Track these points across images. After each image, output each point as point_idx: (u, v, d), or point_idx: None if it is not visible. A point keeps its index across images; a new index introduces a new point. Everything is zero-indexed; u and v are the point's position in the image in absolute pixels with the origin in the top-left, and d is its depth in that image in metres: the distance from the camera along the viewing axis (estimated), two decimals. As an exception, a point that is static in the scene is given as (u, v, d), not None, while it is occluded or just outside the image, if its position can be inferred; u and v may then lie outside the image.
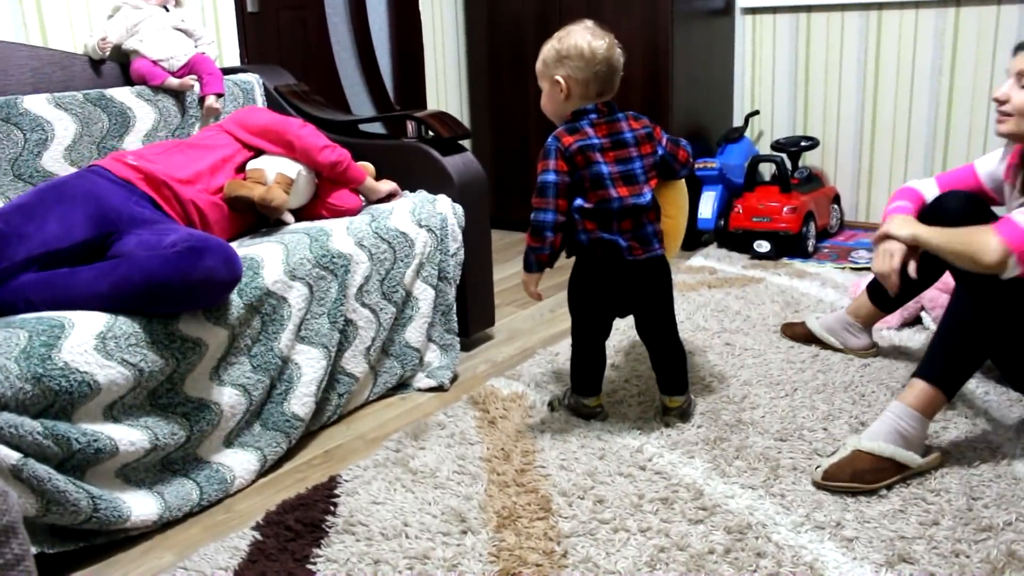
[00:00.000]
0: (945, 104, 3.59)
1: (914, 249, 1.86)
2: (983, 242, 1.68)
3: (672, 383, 2.09)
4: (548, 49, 1.96)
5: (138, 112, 2.52)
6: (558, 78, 1.93)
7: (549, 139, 1.93)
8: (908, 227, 1.87)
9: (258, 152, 2.36)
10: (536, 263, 1.95)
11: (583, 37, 1.92)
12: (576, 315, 2.08)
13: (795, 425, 2.05)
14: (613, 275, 1.97)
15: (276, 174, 2.26)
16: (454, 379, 2.45)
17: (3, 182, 2.21)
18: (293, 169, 2.29)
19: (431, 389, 2.40)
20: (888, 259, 1.86)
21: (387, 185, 2.49)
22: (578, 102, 1.95)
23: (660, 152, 1.98)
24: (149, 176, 2.07)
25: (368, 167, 2.50)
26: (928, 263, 1.93)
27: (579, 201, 1.92)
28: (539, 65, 1.98)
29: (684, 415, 2.10)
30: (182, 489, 1.81)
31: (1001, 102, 1.86)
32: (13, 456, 1.49)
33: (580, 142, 1.90)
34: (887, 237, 1.88)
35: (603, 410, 2.15)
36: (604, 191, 1.90)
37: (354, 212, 2.39)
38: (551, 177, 1.90)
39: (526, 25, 3.88)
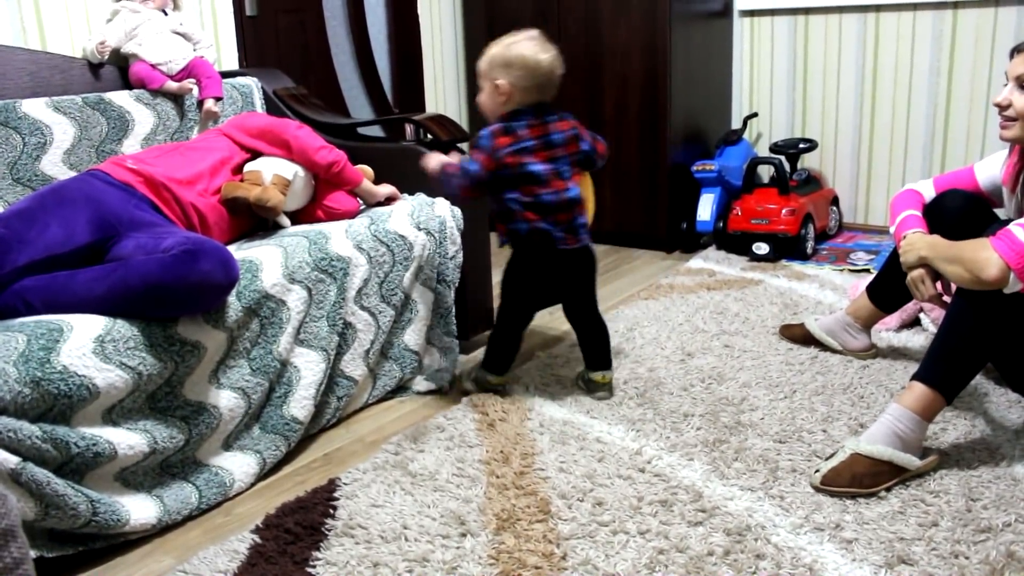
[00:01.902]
0: (943, 106, 3.59)
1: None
2: (984, 260, 1.68)
3: (599, 360, 2.28)
4: (495, 53, 2.10)
5: (137, 116, 2.53)
6: (500, 82, 2.08)
7: (484, 132, 2.09)
8: (914, 251, 1.92)
9: (256, 155, 2.36)
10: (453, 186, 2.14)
11: (530, 48, 2.07)
12: (506, 301, 2.27)
13: (794, 427, 2.05)
14: (546, 264, 2.16)
15: (273, 175, 2.26)
16: (453, 382, 2.45)
17: (2, 186, 2.21)
18: (290, 170, 2.29)
19: (430, 392, 2.40)
20: (921, 289, 1.93)
21: (385, 188, 2.49)
22: (515, 105, 2.10)
23: (585, 148, 2.16)
24: (149, 179, 2.07)
25: (366, 170, 2.50)
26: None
27: (515, 194, 2.09)
28: (483, 65, 2.11)
29: (611, 389, 2.28)
30: (181, 492, 1.81)
31: (1003, 107, 1.86)
32: (12, 460, 1.49)
33: (513, 146, 2.07)
34: (907, 267, 1.95)
35: (504, 388, 2.33)
36: (538, 187, 2.08)
37: (351, 215, 2.39)
38: (475, 168, 2.08)
39: (524, 27, 3.87)
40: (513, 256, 2.21)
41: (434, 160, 2.18)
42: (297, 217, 2.40)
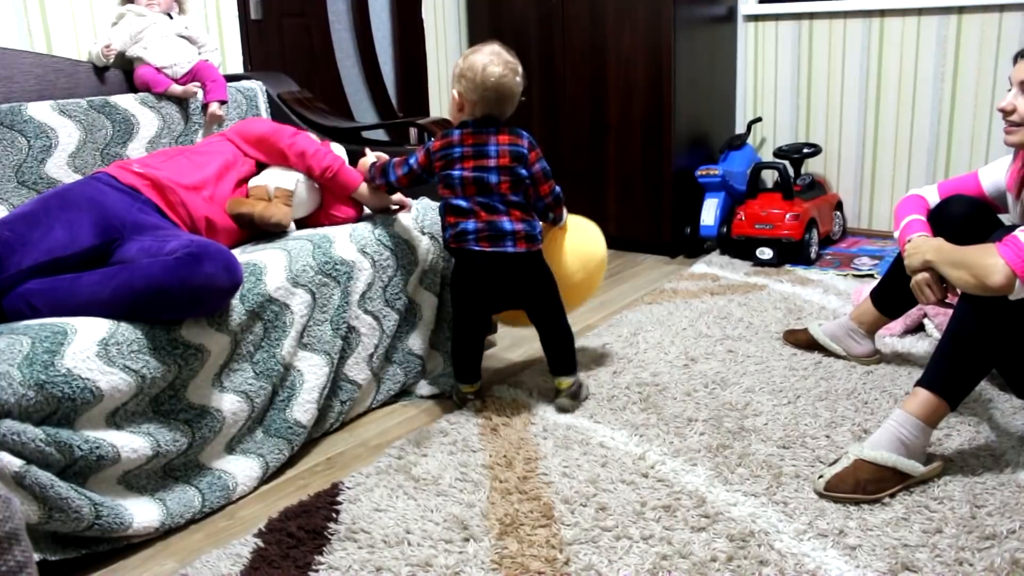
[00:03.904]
0: (947, 111, 3.59)
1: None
2: (990, 265, 1.67)
3: (559, 365, 2.24)
4: (457, 62, 2.13)
5: (142, 119, 2.53)
6: (454, 92, 2.13)
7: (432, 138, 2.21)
8: (919, 255, 1.91)
9: (259, 162, 2.35)
10: (379, 179, 2.28)
11: (481, 60, 2.07)
12: (454, 308, 2.28)
13: (798, 432, 2.05)
14: (468, 268, 2.15)
15: (275, 188, 2.26)
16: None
17: (7, 189, 2.22)
18: (291, 180, 2.28)
19: (433, 396, 2.40)
20: (927, 293, 1.92)
21: (395, 196, 2.44)
22: (467, 116, 2.12)
23: (521, 172, 2.10)
24: (156, 182, 2.07)
25: (381, 156, 2.40)
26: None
27: (443, 199, 2.14)
28: (452, 72, 2.15)
29: (574, 396, 2.23)
30: (184, 496, 1.81)
31: (1007, 112, 1.86)
32: (16, 463, 1.49)
33: (444, 150, 2.12)
34: (912, 271, 1.94)
35: (475, 398, 2.31)
36: (454, 191, 2.11)
37: (352, 221, 2.38)
38: (412, 160, 2.20)
39: (529, 32, 3.89)
40: (453, 267, 2.23)
41: (367, 160, 2.30)
42: (304, 222, 2.40)
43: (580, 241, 2.34)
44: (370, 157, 2.37)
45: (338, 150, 2.48)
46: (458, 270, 2.19)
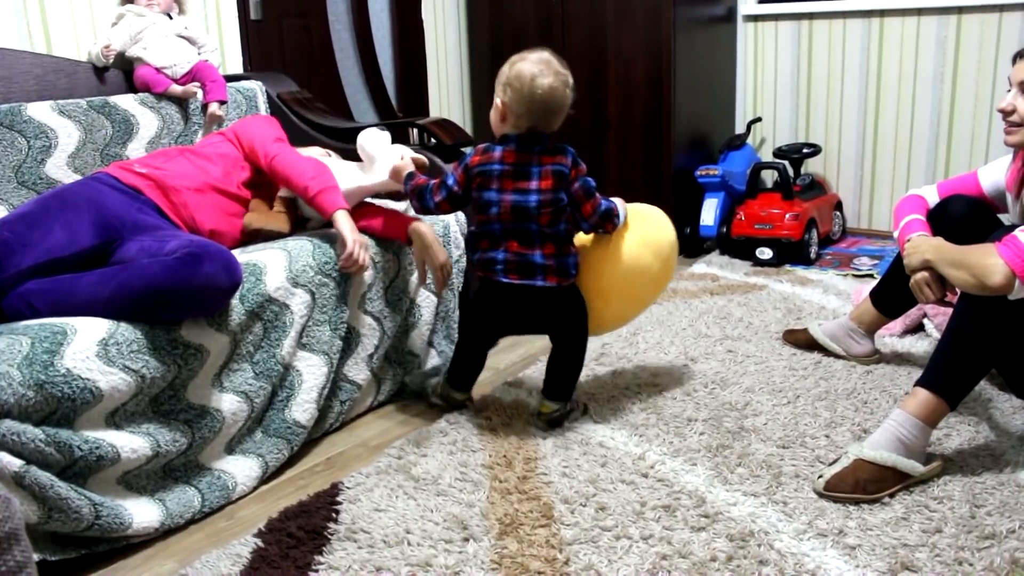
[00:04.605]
0: (947, 111, 3.59)
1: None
2: (989, 265, 1.67)
3: (553, 388, 2.14)
4: (503, 69, 1.96)
5: (141, 119, 2.53)
6: (498, 101, 1.97)
7: (471, 148, 2.05)
8: (918, 254, 1.91)
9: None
10: (415, 203, 2.11)
11: (530, 70, 1.90)
12: (467, 324, 2.22)
13: (797, 432, 2.05)
14: (491, 296, 2.05)
15: (276, 198, 2.27)
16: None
17: (7, 189, 2.22)
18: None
19: (417, 393, 2.38)
20: (926, 292, 1.92)
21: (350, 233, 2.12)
22: (511, 128, 1.97)
23: (564, 198, 1.96)
24: (159, 183, 2.07)
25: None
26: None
27: (477, 220, 2.02)
28: (497, 80, 1.99)
29: (552, 423, 2.12)
30: (184, 496, 1.81)
31: (1007, 113, 1.86)
32: (15, 463, 1.49)
33: (483, 166, 1.98)
34: (911, 270, 1.94)
35: (468, 404, 2.26)
36: (488, 215, 1.98)
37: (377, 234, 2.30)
38: (451, 180, 2.04)
39: (529, 32, 3.89)
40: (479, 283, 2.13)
41: (404, 167, 2.14)
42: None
43: (648, 231, 2.13)
44: (407, 162, 2.17)
45: (340, 168, 2.32)
46: (482, 295, 2.09)
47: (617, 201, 2.08)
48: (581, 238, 2.12)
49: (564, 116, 1.98)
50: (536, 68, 1.90)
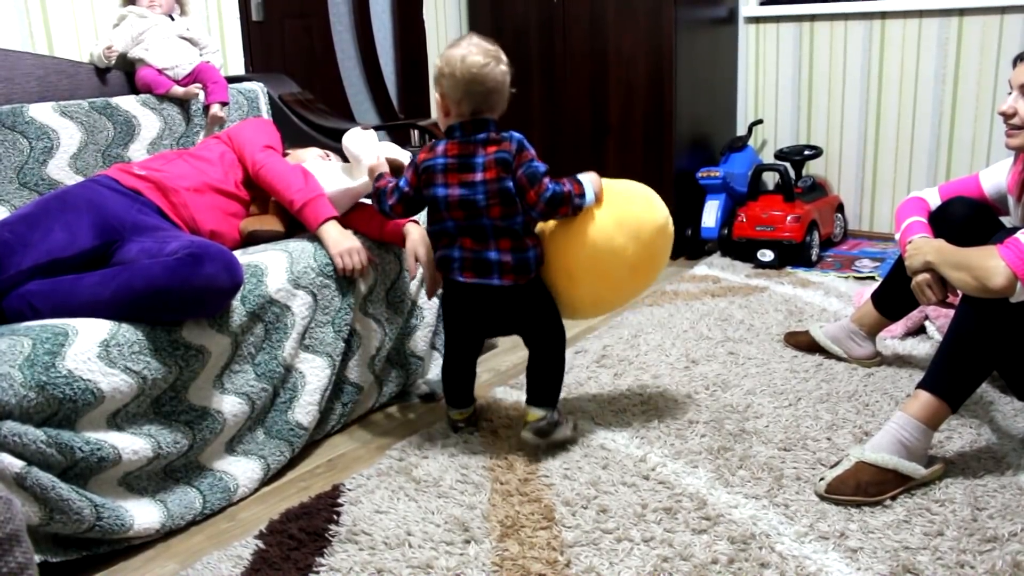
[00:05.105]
0: (948, 113, 3.59)
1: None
2: (991, 268, 1.67)
3: (535, 392, 2.00)
4: (436, 61, 1.90)
5: (143, 120, 2.53)
6: (437, 96, 1.91)
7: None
8: (919, 255, 1.91)
9: None
10: (375, 206, 2.07)
11: (458, 52, 1.84)
12: (445, 330, 2.12)
13: (799, 435, 2.04)
14: (453, 295, 1.97)
15: (271, 203, 2.28)
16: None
17: (8, 190, 2.22)
18: None
19: (428, 396, 2.39)
20: (927, 294, 1.92)
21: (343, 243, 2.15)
22: (455, 119, 1.89)
23: (508, 184, 1.85)
24: (158, 184, 2.07)
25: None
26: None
27: (434, 219, 1.95)
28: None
29: (540, 433, 1.97)
30: (185, 497, 1.81)
31: (1008, 116, 1.86)
32: (17, 464, 1.49)
33: (428, 162, 1.90)
34: (912, 271, 1.94)
35: (466, 425, 2.14)
36: (439, 212, 1.91)
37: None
38: (402, 182, 1.97)
39: (530, 34, 3.89)
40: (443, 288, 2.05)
41: (377, 167, 2.08)
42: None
43: (625, 210, 1.95)
44: (381, 162, 2.12)
45: (329, 170, 2.29)
46: (445, 296, 2.02)
47: (587, 178, 1.94)
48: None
49: (506, 96, 1.90)
50: (464, 50, 1.84)
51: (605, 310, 2.12)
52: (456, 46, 1.86)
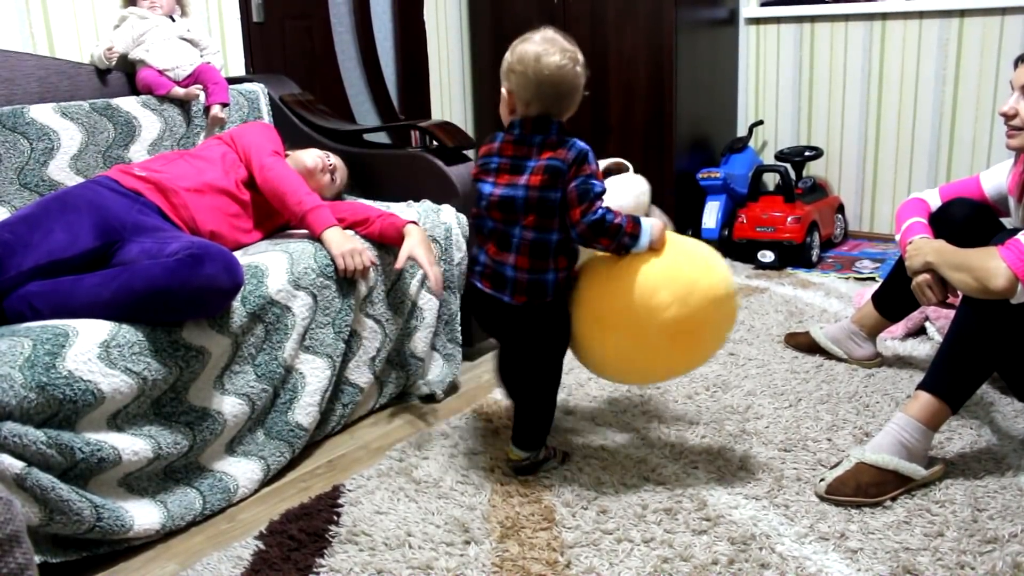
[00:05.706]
0: (949, 114, 3.59)
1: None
2: (992, 269, 1.67)
3: (517, 433, 1.91)
4: (506, 56, 1.77)
5: (144, 121, 2.53)
6: (503, 89, 1.78)
7: None
8: (920, 256, 1.91)
9: None
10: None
11: (533, 50, 1.70)
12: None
13: (799, 436, 2.04)
14: (475, 300, 1.88)
15: None
16: (455, 389, 2.45)
17: (9, 191, 2.22)
18: None
19: (429, 397, 2.39)
20: (928, 294, 1.92)
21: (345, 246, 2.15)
22: (518, 117, 1.78)
23: (553, 196, 1.71)
24: (159, 185, 2.07)
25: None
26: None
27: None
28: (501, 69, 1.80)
29: (521, 471, 1.91)
30: (185, 498, 1.81)
31: (1009, 116, 1.86)
32: (17, 465, 1.49)
33: (484, 158, 1.81)
34: (913, 272, 1.94)
35: (556, 455, 1.99)
36: (479, 208, 1.82)
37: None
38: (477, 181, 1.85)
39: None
40: None
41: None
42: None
43: (678, 268, 1.75)
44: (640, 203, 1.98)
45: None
46: (468, 298, 1.94)
47: (649, 223, 1.76)
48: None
49: (578, 100, 1.77)
50: (540, 48, 1.70)
51: (634, 378, 1.96)
52: (529, 41, 1.73)
